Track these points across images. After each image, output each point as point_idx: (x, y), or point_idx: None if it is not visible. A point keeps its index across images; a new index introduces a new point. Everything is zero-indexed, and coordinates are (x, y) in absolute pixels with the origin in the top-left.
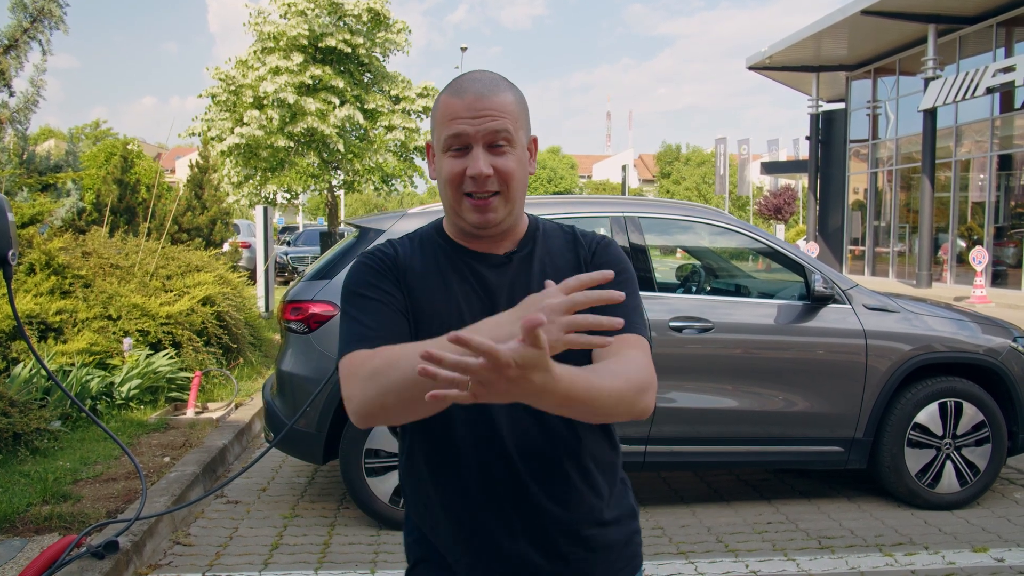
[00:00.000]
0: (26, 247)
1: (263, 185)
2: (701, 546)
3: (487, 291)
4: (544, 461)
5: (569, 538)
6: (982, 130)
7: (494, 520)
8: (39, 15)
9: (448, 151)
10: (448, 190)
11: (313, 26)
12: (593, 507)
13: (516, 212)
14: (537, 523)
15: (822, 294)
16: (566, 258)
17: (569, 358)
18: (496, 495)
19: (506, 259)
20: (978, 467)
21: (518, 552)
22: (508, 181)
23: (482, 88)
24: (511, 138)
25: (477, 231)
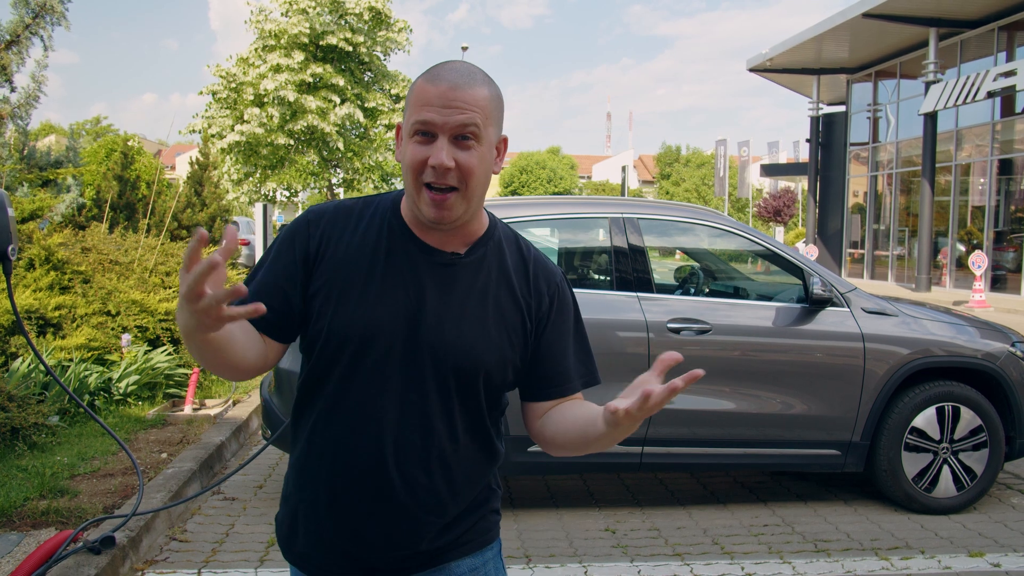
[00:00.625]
0: (26, 242)
1: (263, 182)
2: (697, 548)
3: (419, 290)
4: (415, 473)
5: (414, 539)
6: (983, 134)
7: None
8: (41, 11)
9: (414, 136)
10: (409, 176)
11: (314, 24)
12: (444, 507)
13: (473, 209)
14: (389, 513)
15: (820, 297)
16: (510, 283)
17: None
18: (362, 482)
19: (450, 261)
20: (975, 472)
21: (370, 541)
22: (468, 178)
23: (457, 79)
24: (478, 133)
25: (432, 225)
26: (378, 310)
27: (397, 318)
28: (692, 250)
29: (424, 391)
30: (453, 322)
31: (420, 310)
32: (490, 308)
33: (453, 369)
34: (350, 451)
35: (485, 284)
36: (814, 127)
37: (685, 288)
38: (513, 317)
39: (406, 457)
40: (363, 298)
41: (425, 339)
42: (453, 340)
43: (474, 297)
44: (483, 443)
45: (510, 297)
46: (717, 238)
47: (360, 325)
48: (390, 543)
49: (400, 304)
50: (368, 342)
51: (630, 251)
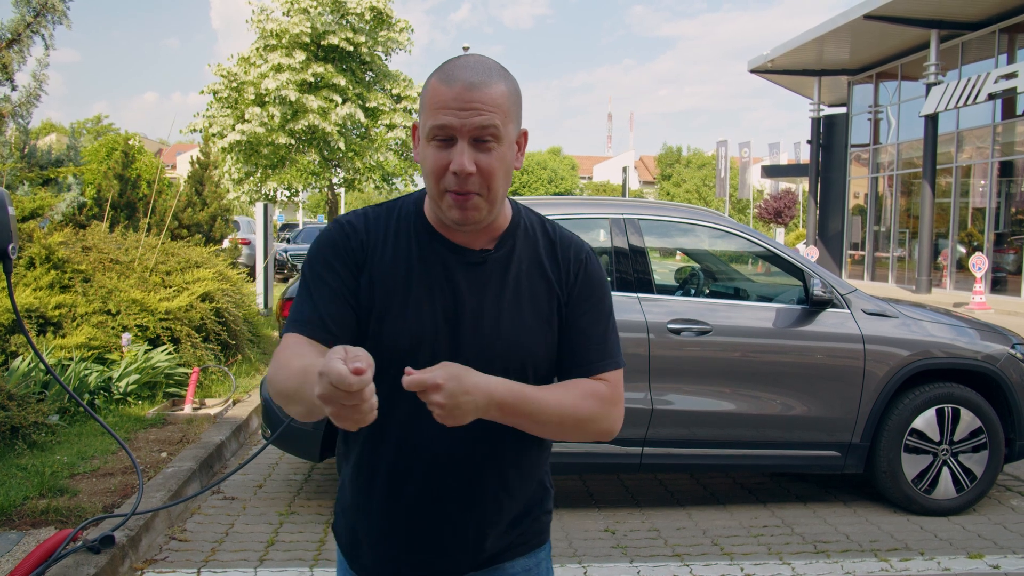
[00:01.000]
0: (26, 241)
1: (264, 182)
2: (696, 549)
3: (455, 291)
4: (469, 475)
5: (478, 532)
6: (983, 136)
7: (415, 515)
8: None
9: (432, 140)
10: (430, 181)
11: (316, 24)
12: (502, 510)
13: (497, 208)
14: (452, 515)
15: (821, 298)
16: (542, 268)
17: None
18: (419, 489)
19: (480, 259)
20: (975, 473)
21: (430, 545)
22: (490, 181)
23: (473, 78)
24: (498, 134)
25: (457, 227)
26: (420, 319)
27: (438, 324)
28: (693, 251)
29: None
30: (492, 321)
31: (459, 313)
32: (525, 300)
33: (501, 369)
34: (403, 465)
35: (517, 276)
36: (815, 128)
37: (685, 289)
38: (549, 302)
39: (461, 464)
40: (404, 308)
41: (468, 342)
42: (496, 339)
43: (509, 291)
44: (534, 439)
45: (543, 283)
46: (718, 239)
47: (406, 336)
48: (450, 552)
49: (439, 309)
50: (413, 352)
51: (631, 252)
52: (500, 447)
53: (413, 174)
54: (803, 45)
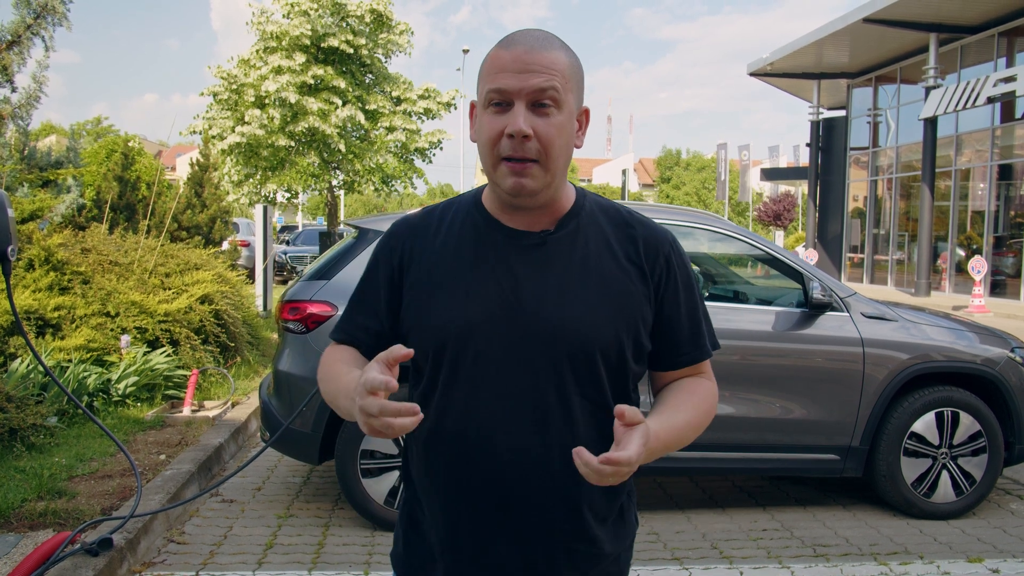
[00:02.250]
0: (26, 243)
1: (263, 184)
2: (696, 552)
3: (511, 276)
4: (537, 474)
5: (548, 555)
6: (982, 139)
7: (476, 526)
8: (42, 11)
9: (489, 106)
10: (486, 151)
11: (316, 26)
12: (584, 523)
13: (556, 184)
14: (518, 536)
15: (820, 302)
16: (612, 251)
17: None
18: (481, 502)
19: (540, 240)
20: (974, 477)
21: (497, 559)
22: (548, 148)
23: (533, 42)
24: (558, 98)
25: (512, 199)
26: (471, 306)
27: (492, 310)
28: (692, 254)
29: (537, 385)
30: (555, 303)
31: (517, 297)
32: (593, 281)
33: (566, 353)
34: (465, 472)
35: (584, 256)
36: (814, 131)
37: None
38: (624, 285)
39: (528, 465)
40: (453, 297)
41: (529, 325)
42: (558, 320)
43: (574, 272)
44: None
45: (616, 266)
46: (717, 242)
47: (455, 325)
48: (532, 567)
49: (493, 295)
50: (464, 342)
51: None
52: (574, 446)
53: (412, 176)
54: (802, 48)
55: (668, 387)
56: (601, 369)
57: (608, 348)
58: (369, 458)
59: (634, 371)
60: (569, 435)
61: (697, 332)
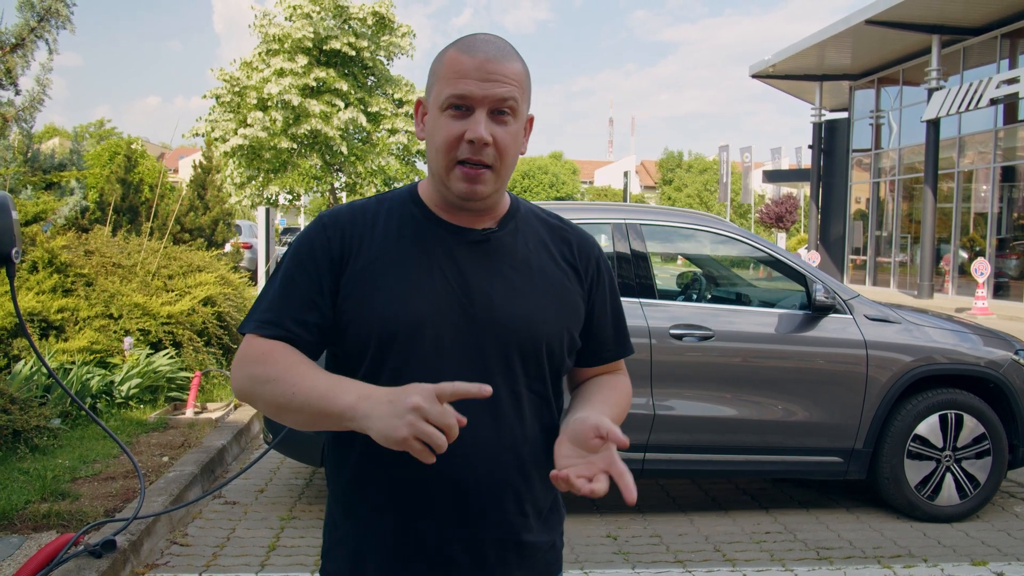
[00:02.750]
0: (29, 245)
1: (265, 186)
2: (699, 555)
3: (457, 270)
4: (489, 467)
5: (498, 549)
6: (985, 141)
7: (428, 520)
8: (46, 14)
9: (447, 110)
10: (440, 154)
11: (318, 29)
12: (526, 515)
13: (502, 188)
14: (469, 530)
15: (823, 304)
16: (548, 251)
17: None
18: (434, 495)
19: (484, 237)
20: (978, 480)
21: (449, 554)
22: (503, 155)
23: (495, 52)
24: (516, 108)
25: (462, 202)
26: (417, 300)
27: (441, 304)
28: (695, 256)
29: (489, 376)
30: (504, 297)
31: (466, 291)
32: (536, 277)
33: (517, 345)
34: (413, 466)
35: (526, 254)
36: (816, 133)
37: (688, 294)
38: (560, 283)
39: (480, 459)
40: (400, 288)
41: (480, 319)
42: (510, 315)
43: (519, 268)
44: (550, 436)
45: (554, 265)
46: (720, 244)
47: (402, 319)
48: (482, 562)
49: (441, 288)
50: (414, 336)
51: (633, 257)
52: (522, 438)
53: (415, 179)
54: (805, 50)
55: (591, 382)
56: (546, 363)
57: (553, 343)
58: None
59: (567, 366)
60: (519, 427)
61: (621, 331)
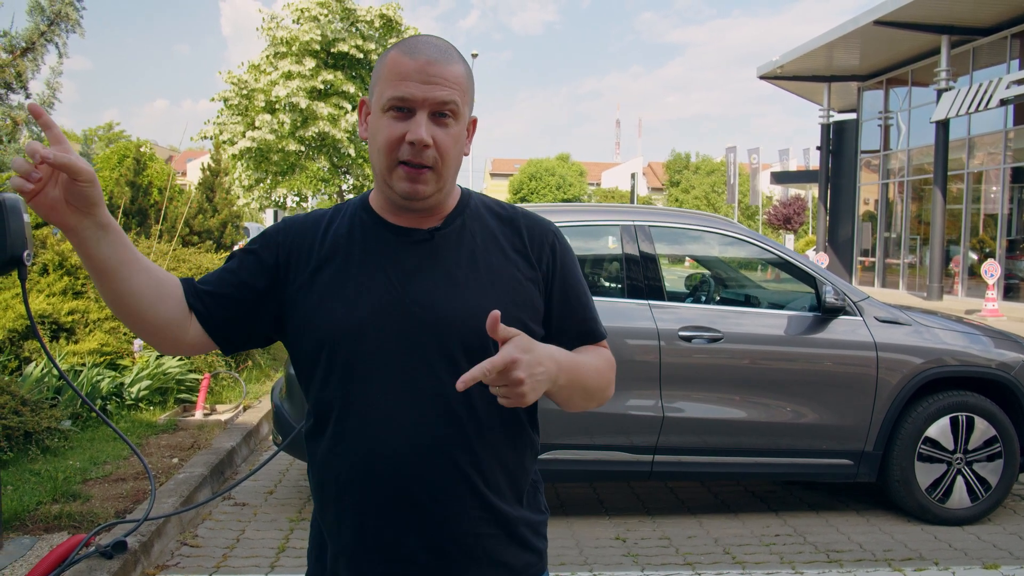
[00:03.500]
0: (40, 248)
1: (273, 188)
2: (708, 557)
3: (400, 271)
4: (440, 462)
5: (457, 541)
6: (995, 142)
7: (385, 517)
8: (56, 18)
9: (388, 111)
10: (382, 154)
11: (325, 31)
12: (490, 510)
13: (447, 188)
14: (426, 524)
15: (833, 306)
16: (499, 244)
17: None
18: (388, 493)
19: (428, 236)
20: (989, 483)
21: (407, 551)
22: (444, 157)
23: (437, 54)
24: (457, 111)
25: (404, 202)
26: (360, 303)
27: (383, 305)
28: (703, 258)
29: (434, 375)
30: (445, 295)
31: (406, 291)
32: (483, 272)
33: (460, 344)
34: (367, 466)
35: (472, 250)
36: (825, 135)
37: (696, 296)
38: (512, 275)
39: (433, 456)
40: (342, 295)
41: (421, 317)
42: (451, 312)
43: (463, 265)
44: (513, 427)
45: (503, 257)
46: (728, 246)
47: (346, 323)
48: (443, 555)
49: (382, 291)
50: (357, 339)
51: (641, 259)
52: (479, 434)
53: None
54: (813, 51)
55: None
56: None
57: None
58: None
59: None
60: (471, 422)
61: (589, 314)
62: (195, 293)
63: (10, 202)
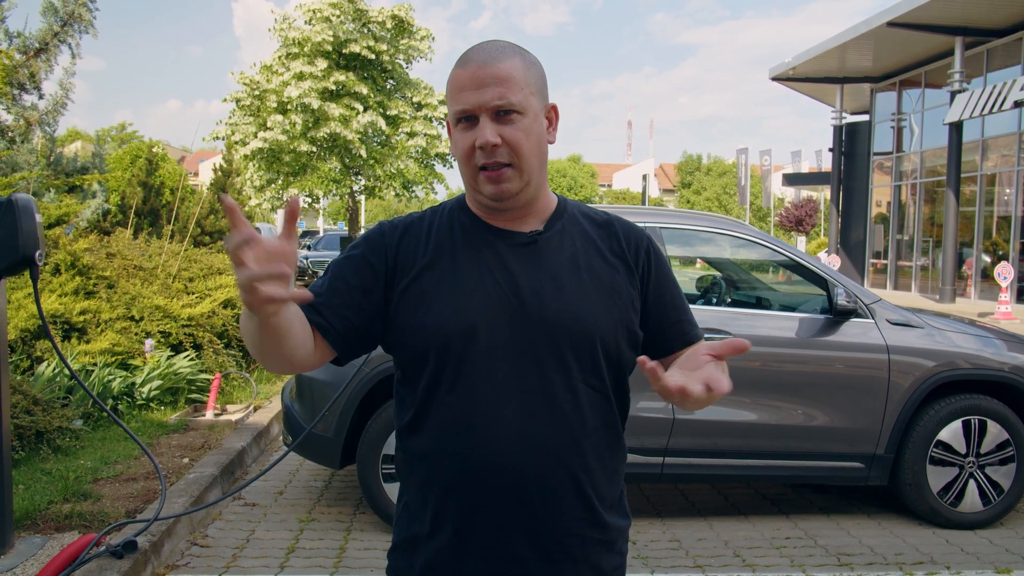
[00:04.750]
0: (52, 248)
1: (285, 189)
2: (718, 560)
3: (506, 272)
4: (549, 460)
5: (561, 542)
6: (1009, 144)
7: (491, 515)
8: (69, 19)
9: (458, 124)
10: (464, 165)
11: (337, 32)
12: (591, 510)
13: (535, 183)
14: (532, 524)
15: (845, 308)
16: (597, 247)
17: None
18: (496, 490)
19: (531, 239)
20: (1002, 487)
21: (512, 551)
22: (517, 150)
23: (486, 56)
24: (516, 105)
25: (494, 203)
26: (471, 303)
27: (493, 306)
28: (714, 260)
29: (544, 375)
30: (553, 294)
31: (516, 292)
32: (585, 275)
33: (569, 342)
34: (474, 461)
35: (573, 253)
36: (837, 136)
37: (707, 298)
38: (612, 279)
39: (542, 456)
40: (452, 296)
41: (531, 318)
42: (560, 314)
43: (566, 267)
44: (612, 431)
45: (602, 261)
46: (739, 248)
47: (456, 323)
48: (547, 557)
49: (492, 291)
50: (469, 339)
51: None
52: (584, 432)
53: (433, 182)
54: (825, 52)
55: (681, 357)
56: (601, 357)
57: (607, 336)
58: (391, 462)
59: (629, 360)
60: (577, 422)
61: (685, 316)
62: (313, 308)
63: (22, 202)
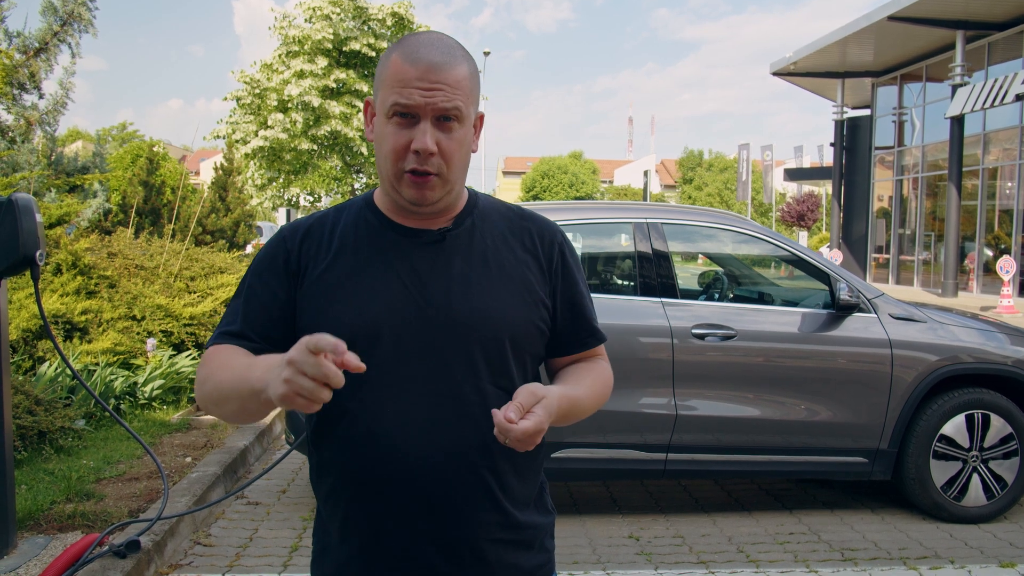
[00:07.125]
0: (53, 247)
1: (286, 188)
2: (722, 556)
3: (413, 272)
4: (456, 465)
5: (472, 547)
6: (1011, 137)
7: (400, 523)
8: (69, 18)
9: (392, 117)
10: (388, 162)
11: (338, 30)
12: (504, 513)
13: (456, 191)
14: (442, 530)
15: (847, 303)
16: (508, 244)
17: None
18: (404, 498)
19: (439, 237)
20: (1006, 480)
21: (423, 559)
22: (450, 162)
23: (439, 58)
24: (461, 116)
25: (413, 208)
26: (374, 304)
27: (398, 307)
28: (716, 255)
29: (451, 378)
30: (461, 293)
31: (422, 292)
32: (494, 272)
33: (478, 341)
34: (381, 470)
35: (483, 250)
36: (838, 131)
37: (710, 294)
38: (522, 275)
39: (451, 460)
40: (356, 296)
41: (437, 319)
42: (468, 310)
43: (475, 265)
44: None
45: (514, 257)
46: (742, 243)
47: (361, 324)
48: (458, 562)
49: (397, 292)
50: (372, 342)
51: (654, 256)
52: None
53: None
54: (826, 47)
55: (568, 368)
56: (510, 357)
57: (516, 335)
58: None
59: (537, 358)
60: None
61: (588, 318)
62: (238, 336)
63: (23, 202)
